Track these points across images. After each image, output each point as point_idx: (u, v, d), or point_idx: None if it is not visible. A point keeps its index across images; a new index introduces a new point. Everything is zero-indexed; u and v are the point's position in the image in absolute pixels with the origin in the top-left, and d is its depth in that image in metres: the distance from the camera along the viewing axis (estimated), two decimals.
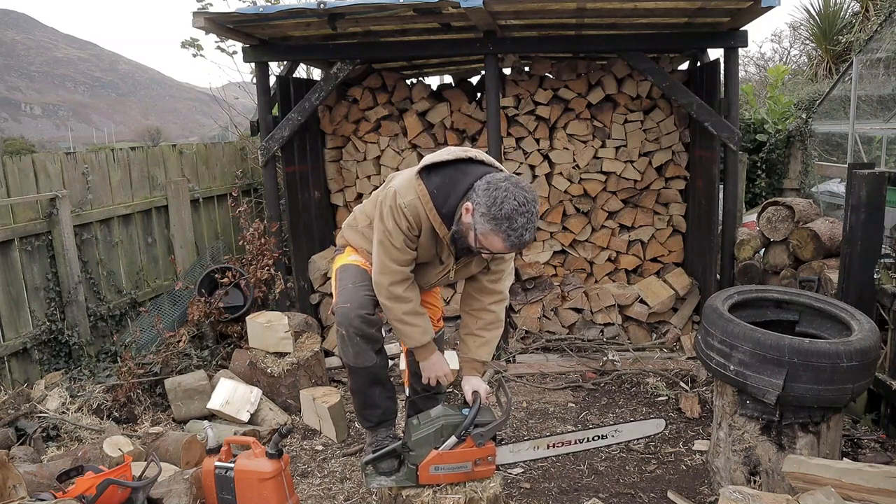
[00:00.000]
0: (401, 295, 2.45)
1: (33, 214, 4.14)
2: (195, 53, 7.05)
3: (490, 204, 2.15)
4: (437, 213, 2.32)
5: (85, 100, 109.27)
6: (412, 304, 2.48)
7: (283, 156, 5.02)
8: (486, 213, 2.16)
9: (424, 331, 2.53)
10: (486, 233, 2.20)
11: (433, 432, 2.42)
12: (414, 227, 2.36)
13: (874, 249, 3.45)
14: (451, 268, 2.51)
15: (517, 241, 2.19)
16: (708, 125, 4.53)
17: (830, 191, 5.91)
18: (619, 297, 5.08)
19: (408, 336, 2.53)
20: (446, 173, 2.35)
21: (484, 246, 2.25)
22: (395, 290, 2.44)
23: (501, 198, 2.15)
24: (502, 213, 2.14)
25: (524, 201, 2.16)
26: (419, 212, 2.34)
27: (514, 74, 5.41)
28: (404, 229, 2.36)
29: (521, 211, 2.15)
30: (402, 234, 2.37)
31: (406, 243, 2.39)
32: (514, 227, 2.15)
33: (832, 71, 9.04)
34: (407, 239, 2.38)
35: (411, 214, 2.33)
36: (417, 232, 2.39)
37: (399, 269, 2.42)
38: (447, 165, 2.36)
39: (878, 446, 3.26)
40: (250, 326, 4.20)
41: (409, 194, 2.34)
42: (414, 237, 2.40)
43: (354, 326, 2.45)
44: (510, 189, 2.16)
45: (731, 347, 2.70)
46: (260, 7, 4.17)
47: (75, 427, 3.62)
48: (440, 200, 2.31)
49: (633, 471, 3.31)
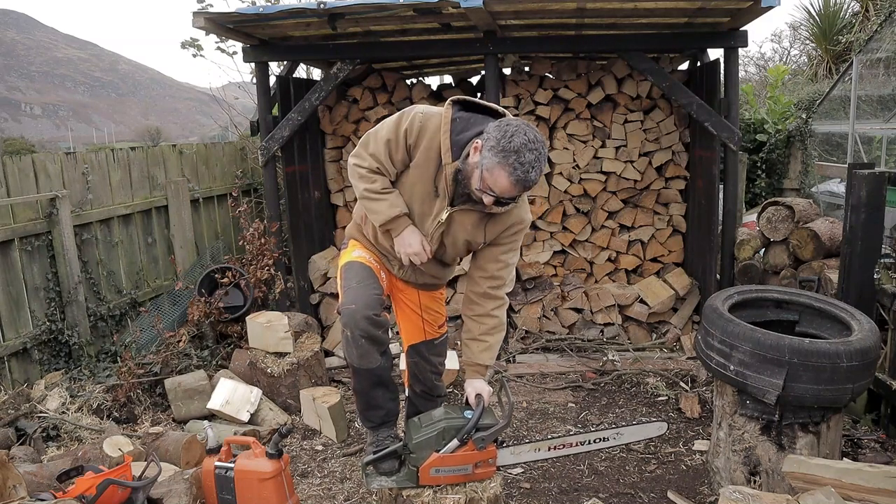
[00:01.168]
0: (366, 175, 2.41)
1: (33, 214, 4.14)
2: (195, 54, 7.05)
3: (500, 137, 2.14)
4: (450, 137, 2.29)
5: (85, 100, 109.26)
6: (378, 184, 2.41)
7: (283, 156, 5.02)
8: (495, 146, 2.14)
9: (392, 204, 2.41)
10: (493, 167, 2.16)
11: (435, 435, 2.42)
12: (413, 135, 2.32)
13: (874, 249, 3.45)
14: (445, 210, 2.40)
15: (523, 177, 2.15)
16: (708, 125, 4.53)
17: (830, 191, 5.91)
18: (619, 297, 5.08)
19: (377, 211, 2.43)
20: (473, 113, 2.36)
21: (488, 185, 2.19)
22: (361, 170, 2.42)
23: (512, 132, 2.14)
24: (511, 146, 2.12)
25: (534, 139, 2.15)
26: (431, 126, 2.31)
27: (514, 74, 5.41)
28: (400, 130, 2.33)
29: (530, 147, 2.13)
30: (393, 132, 2.34)
31: (389, 144, 2.36)
32: (521, 160, 2.12)
33: (832, 71, 9.04)
34: (392, 140, 2.35)
35: (420, 122, 2.31)
36: (413, 141, 2.34)
37: (370, 161, 2.40)
38: (477, 108, 2.38)
39: (878, 446, 3.26)
40: (250, 326, 4.20)
41: (431, 109, 2.36)
42: (403, 146, 2.35)
43: (360, 328, 2.40)
44: (521, 126, 2.16)
45: (731, 347, 2.70)
46: (260, 7, 4.17)
47: (75, 427, 3.61)
48: (458, 128, 2.30)
49: (633, 471, 3.31)
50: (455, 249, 2.56)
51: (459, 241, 2.49)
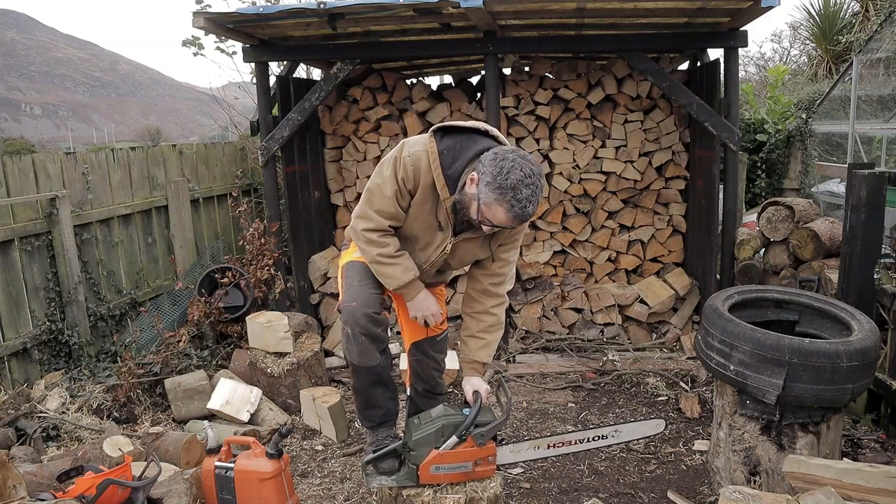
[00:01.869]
0: (376, 239, 2.40)
1: (33, 214, 4.14)
2: (196, 52, 7.06)
3: (496, 173, 2.14)
4: (442, 172, 2.30)
5: (85, 100, 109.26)
6: (389, 248, 2.41)
7: (283, 156, 5.02)
8: (492, 183, 2.14)
9: (405, 269, 2.43)
10: (490, 203, 2.17)
11: (434, 432, 2.42)
12: (410, 179, 2.33)
13: (874, 249, 3.45)
14: (449, 241, 2.44)
15: (520, 213, 2.17)
16: (708, 125, 4.53)
17: (830, 191, 5.91)
18: (619, 297, 5.08)
19: (388, 276, 2.44)
20: (458, 138, 2.34)
21: (486, 217, 2.22)
22: (370, 235, 2.40)
23: (508, 168, 2.14)
24: (508, 183, 2.12)
25: (530, 173, 2.15)
26: (422, 165, 2.31)
27: (514, 74, 5.41)
28: (399, 180, 2.32)
29: (526, 182, 2.14)
30: (395, 185, 2.33)
31: (396, 195, 2.34)
32: (518, 197, 2.13)
33: (832, 71, 9.04)
34: (398, 191, 2.34)
35: (412, 165, 2.31)
36: (413, 186, 2.34)
37: (379, 219, 2.38)
38: (461, 132, 2.37)
39: (878, 446, 3.26)
40: (250, 326, 4.20)
41: (417, 146, 2.33)
42: (406, 192, 2.35)
43: (360, 325, 2.42)
44: (517, 160, 2.16)
45: (731, 347, 2.70)
46: (260, 7, 4.17)
47: (75, 427, 3.62)
48: (447, 161, 2.30)
49: (633, 471, 3.31)
50: (461, 265, 2.62)
51: (465, 260, 2.56)
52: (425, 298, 2.54)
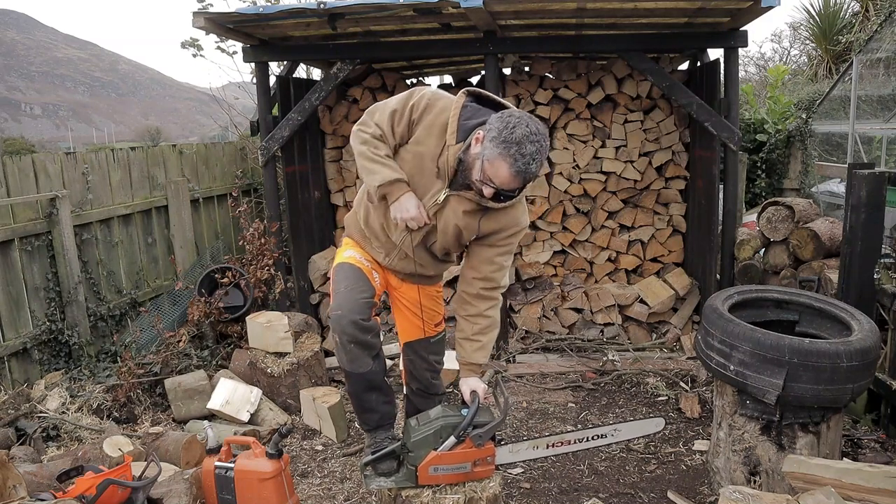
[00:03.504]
0: (369, 139, 2.37)
1: (33, 214, 4.14)
2: (195, 53, 7.06)
3: (502, 128, 2.14)
4: (459, 121, 2.30)
5: (85, 100, 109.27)
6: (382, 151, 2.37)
7: (283, 156, 5.02)
8: (497, 137, 2.14)
9: (393, 169, 2.36)
10: (494, 158, 2.15)
11: (432, 433, 2.42)
12: (418, 110, 2.32)
13: (874, 249, 3.45)
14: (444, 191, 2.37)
15: (523, 168, 2.14)
16: (708, 125, 4.53)
17: (830, 191, 5.91)
18: (619, 297, 5.08)
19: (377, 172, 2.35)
20: (484, 105, 2.37)
21: (489, 176, 2.19)
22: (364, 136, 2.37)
23: (514, 123, 2.14)
24: (513, 137, 2.12)
25: (536, 131, 2.15)
26: (437, 105, 2.32)
27: (514, 74, 5.41)
28: (407, 105, 2.33)
29: (532, 139, 2.13)
30: (400, 105, 2.34)
31: (394, 115, 2.34)
32: (522, 152, 2.12)
33: (832, 71, 9.04)
34: (398, 112, 2.34)
35: (428, 101, 2.31)
36: (416, 117, 2.34)
37: (375, 127, 2.36)
38: (489, 101, 2.39)
39: (878, 446, 3.26)
40: (250, 326, 4.20)
41: (443, 92, 2.37)
42: (406, 120, 2.35)
43: (348, 334, 2.40)
44: (523, 117, 2.17)
45: (731, 347, 2.70)
46: (260, 7, 4.17)
47: (75, 427, 3.62)
48: (466, 114, 2.31)
49: (633, 471, 3.31)
50: (445, 237, 2.48)
51: (450, 226, 2.43)
52: (408, 199, 2.36)
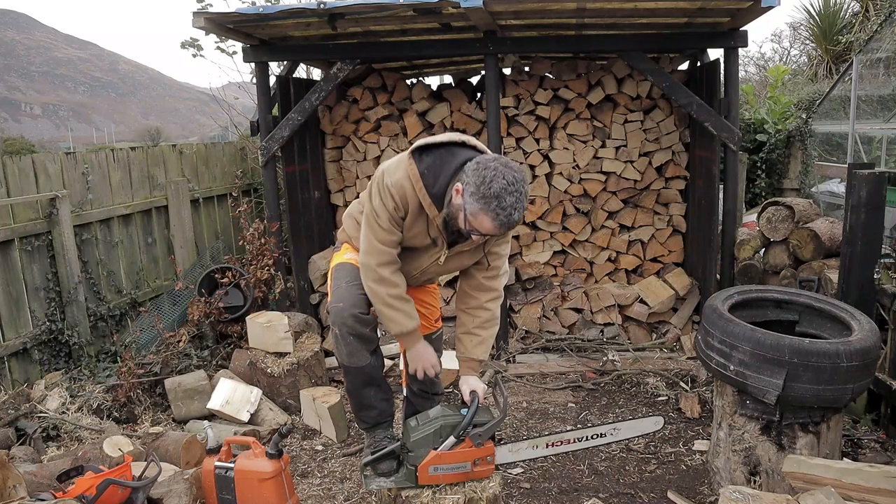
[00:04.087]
0: (387, 277, 2.42)
1: (33, 214, 4.14)
2: (195, 54, 7.07)
3: (479, 183, 2.16)
4: (427, 192, 2.31)
5: (85, 100, 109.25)
6: (398, 290, 2.45)
7: (283, 156, 5.02)
8: (476, 193, 2.16)
9: (410, 316, 2.48)
10: (476, 212, 2.19)
11: (432, 433, 2.42)
12: (400, 207, 2.35)
13: (874, 249, 3.45)
14: (443, 252, 2.47)
15: (506, 221, 2.19)
16: (708, 125, 4.53)
17: (830, 191, 5.90)
18: (619, 297, 5.08)
19: (393, 321, 2.47)
20: (438, 154, 2.35)
21: (474, 227, 2.24)
22: (382, 271, 2.41)
23: (490, 177, 2.15)
24: (491, 192, 2.14)
25: (513, 181, 2.16)
26: (406, 191, 2.32)
27: (514, 74, 5.41)
28: (390, 209, 2.34)
29: (509, 190, 2.15)
30: (387, 214, 2.35)
31: (392, 223, 2.37)
32: (502, 205, 2.15)
33: (832, 71, 9.04)
34: (392, 219, 2.36)
35: (398, 194, 2.32)
36: (403, 213, 2.37)
37: (385, 250, 2.40)
38: (439, 147, 2.36)
39: (878, 446, 3.26)
40: (250, 326, 4.20)
41: (397, 173, 2.33)
42: (399, 218, 2.38)
43: (348, 326, 2.46)
44: (499, 168, 2.17)
45: (731, 347, 2.70)
46: (260, 7, 4.17)
47: (75, 427, 3.61)
48: (430, 180, 2.31)
49: (633, 471, 3.31)
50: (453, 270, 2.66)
51: (457, 268, 2.62)
52: (425, 349, 2.58)
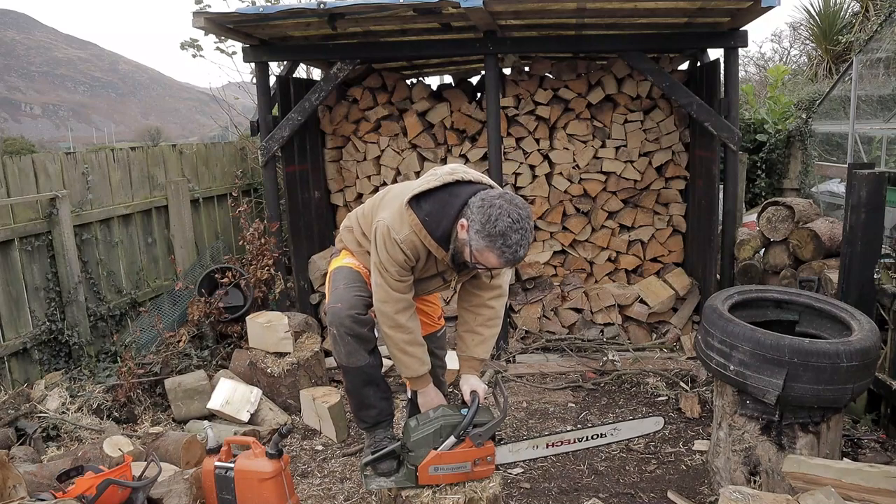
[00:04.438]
0: (404, 324, 2.49)
1: (33, 214, 4.14)
2: (195, 54, 7.07)
3: (484, 221, 2.19)
4: (432, 238, 2.37)
5: (85, 100, 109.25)
6: (413, 336, 2.52)
7: (283, 156, 5.02)
8: (481, 230, 2.20)
9: (422, 362, 2.57)
10: (482, 249, 2.24)
11: (432, 433, 2.43)
12: (411, 258, 2.42)
13: (874, 249, 3.45)
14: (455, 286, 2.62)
15: (512, 258, 2.23)
16: (708, 125, 4.53)
17: (830, 191, 5.91)
18: (619, 297, 5.08)
19: (406, 366, 2.56)
20: (436, 198, 2.37)
21: (479, 262, 2.29)
22: (400, 318, 2.48)
23: (496, 215, 2.18)
24: (497, 231, 2.18)
25: (518, 218, 2.20)
26: (416, 243, 2.39)
27: (514, 74, 5.41)
28: (401, 262, 2.41)
29: (515, 227, 2.18)
30: (397, 267, 2.41)
31: (401, 273, 2.44)
32: (508, 243, 2.19)
33: (832, 71, 9.04)
34: (403, 270, 2.44)
35: (409, 247, 2.38)
36: (414, 262, 2.45)
37: (401, 297, 2.47)
38: (435, 191, 2.39)
39: (878, 446, 3.26)
40: (250, 326, 4.20)
41: (403, 229, 2.38)
42: (410, 267, 2.46)
43: (345, 326, 2.49)
44: (504, 206, 2.20)
45: (731, 347, 2.70)
46: (260, 7, 4.17)
47: (75, 427, 3.61)
48: (433, 226, 2.35)
49: (633, 471, 3.31)
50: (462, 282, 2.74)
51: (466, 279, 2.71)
52: (435, 394, 2.64)
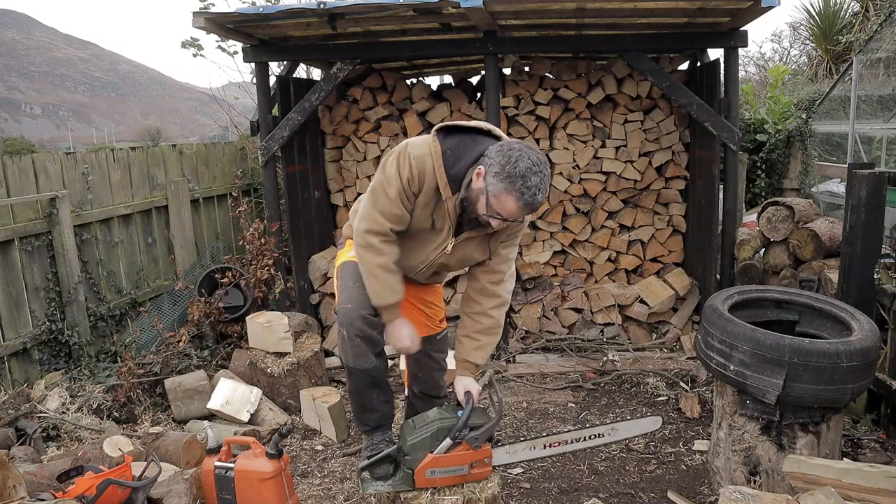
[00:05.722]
0: (376, 245, 2.36)
1: (33, 214, 4.14)
2: (195, 53, 7.07)
3: (504, 163, 2.16)
4: (445, 172, 2.29)
5: (85, 100, 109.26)
6: (386, 259, 2.37)
7: (283, 156, 5.02)
8: (500, 172, 2.16)
9: (393, 290, 2.41)
10: (499, 193, 2.18)
11: (429, 436, 2.41)
12: (415, 181, 2.30)
13: (874, 249, 3.45)
14: (450, 241, 2.42)
15: (531, 200, 2.17)
16: (708, 125, 4.53)
17: (830, 191, 5.91)
18: (619, 297, 5.07)
19: (375, 293, 2.41)
20: (461, 138, 2.34)
21: (496, 210, 2.21)
22: (371, 238, 2.36)
23: (516, 157, 2.15)
24: (517, 171, 2.14)
25: (538, 161, 2.18)
26: (426, 167, 2.29)
27: (514, 74, 5.41)
28: (404, 180, 2.30)
29: (534, 170, 2.15)
30: (399, 184, 2.30)
31: (400, 195, 2.31)
32: (528, 185, 2.15)
33: (832, 71, 9.04)
34: (403, 192, 2.31)
35: (417, 167, 2.28)
36: (417, 189, 2.33)
37: (382, 221, 2.34)
38: (463, 131, 2.36)
39: (878, 446, 3.26)
40: (250, 326, 4.20)
41: (421, 148, 2.31)
42: (411, 194, 2.33)
43: (356, 327, 2.43)
44: (524, 150, 2.18)
45: (731, 347, 2.70)
46: (260, 7, 4.17)
47: (75, 427, 3.61)
48: (451, 161, 2.29)
49: (633, 471, 3.31)
50: (459, 266, 2.63)
51: (464, 261, 2.55)
52: (401, 327, 2.49)
